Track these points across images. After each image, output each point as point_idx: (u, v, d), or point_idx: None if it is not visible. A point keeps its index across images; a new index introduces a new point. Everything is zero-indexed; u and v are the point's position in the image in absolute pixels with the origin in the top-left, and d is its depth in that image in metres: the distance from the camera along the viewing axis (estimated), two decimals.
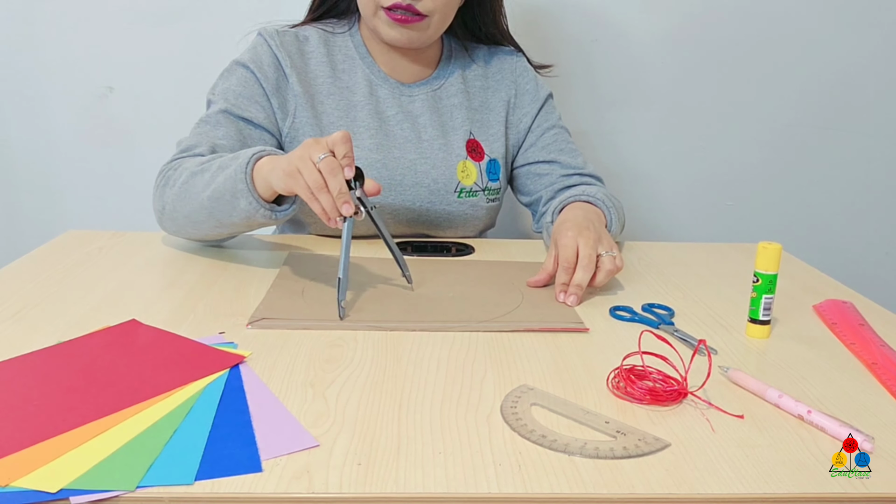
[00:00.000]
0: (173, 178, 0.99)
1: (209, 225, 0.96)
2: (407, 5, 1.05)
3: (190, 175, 0.96)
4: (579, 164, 1.21)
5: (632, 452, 0.57)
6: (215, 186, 0.92)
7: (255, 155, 0.89)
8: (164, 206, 1.00)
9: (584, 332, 0.81)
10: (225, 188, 0.90)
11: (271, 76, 1.10)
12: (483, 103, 1.22)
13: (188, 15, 1.51)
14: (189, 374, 0.66)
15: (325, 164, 0.81)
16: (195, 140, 1.04)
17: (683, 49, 1.59)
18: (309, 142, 0.83)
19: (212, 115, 1.07)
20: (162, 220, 1.03)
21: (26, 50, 1.52)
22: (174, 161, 1.03)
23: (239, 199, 0.89)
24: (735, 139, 1.65)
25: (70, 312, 0.81)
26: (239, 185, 0.88)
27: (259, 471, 0.53)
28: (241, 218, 0.91)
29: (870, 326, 0.84)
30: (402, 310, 0.84)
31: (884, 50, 1.61)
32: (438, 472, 0.54)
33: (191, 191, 0.95)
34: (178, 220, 1.00)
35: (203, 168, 0.96)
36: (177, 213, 0.98)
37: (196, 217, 0.96)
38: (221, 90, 1.10)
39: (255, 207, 0.89)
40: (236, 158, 0.92)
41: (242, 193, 0.88)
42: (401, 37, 1.09)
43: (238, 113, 1.07)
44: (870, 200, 1.71)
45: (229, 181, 0.89)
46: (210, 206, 0.93)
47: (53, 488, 0.50)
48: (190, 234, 1.03)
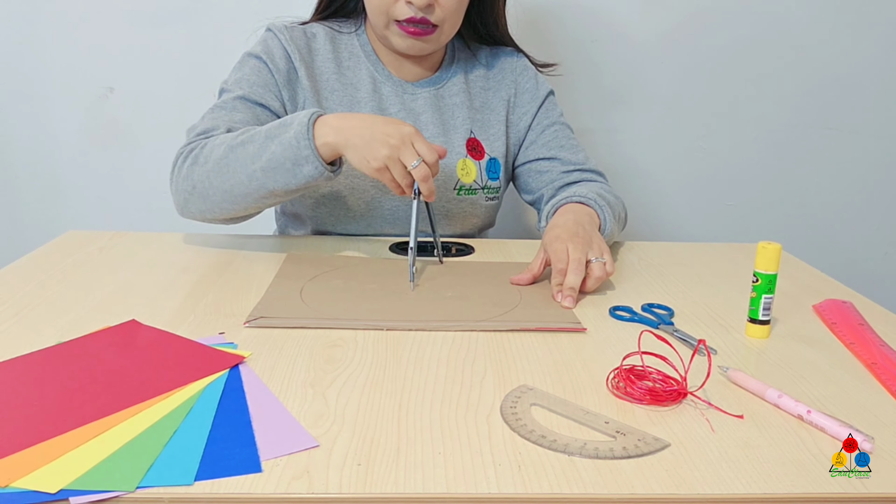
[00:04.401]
0: (203, 156, 0.98)
1: (255, 196, 0.96)
2: (421, 18, 1.06)
3: (228, 149, 0.95)
4: (580, 160, 1.21)
5: (631, 453, 0.57)
6: (269, 157, 0.92)
7: (310, 119, 0.91)
8: (195, 186, 0.98)
9: (584, 333, 0.81)
10: (285, 156, 0.91)
11: (283, 68, 1.11)
12: (484, 103, 1.22)
13: (189, 15, 1.51)
14: (189, 375, 0.66)
15: (421, 172, 0.90)
16: (212, 123, 1.03)
17: (683, 49, 1.59)
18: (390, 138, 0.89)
19: (227, 101, 1.07)
20: (189, 200, 1.00)
21: (27, 50, 1.53)
22: (194, 142, 1.01)
23: (303, 165, 0.91)
24: (735, 139, 1.65)
25: (70, 312, 0.82)
26: (303, 152, 0.90)
27: (259, 471, 0.53)
28: (300, 184, 0.93)
29: (869, 326, 0.84)
30: (402, 310, 0.84)
31: (884, 50, 1.61)
32: (438, 472, 0.54)
33: (233, 164, 0.95)
34: (211, 198, 0.98)
35: (244, 140, 0.95)
36: (212, 188, 0.97)
37: (241, 190, 0.95)
38: (235, 79, 1.10)
39: (319, 171, 0.92)
40: (287, 126, 0.93)
41: (308, 160, 0.91)
42: (413, 47, 1.10)
43: (255, 99, 1.07)
44: (870, 200, 1.71)
45: (290, 150, 0.91)
46: (263, 176, 0.93)
47: (53, 488, 0.50)
48: (223, 210, 0.99)
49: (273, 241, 1.13)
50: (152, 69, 1.54)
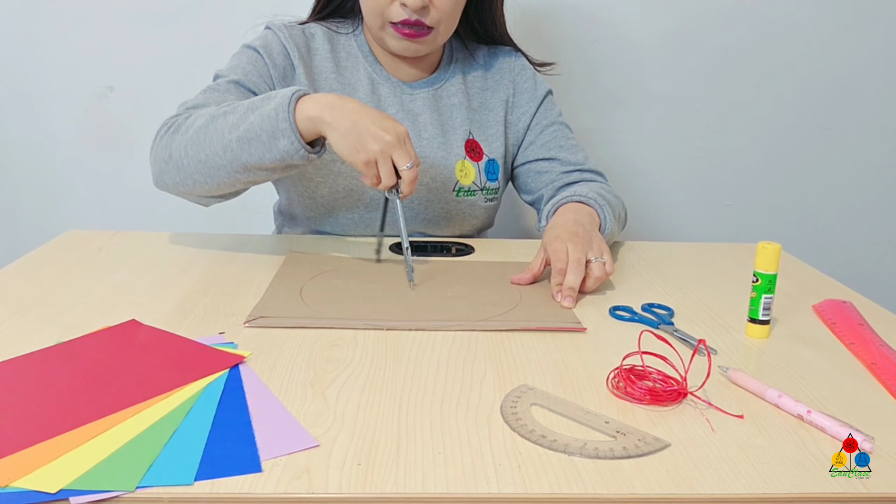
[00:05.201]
0: (185, 126, 0.96)
1: (228, 170, 0.93)
2: (415, 20, 1.06)
3: (209, 118, 0.94)
4: (580, 160, 1.21)
5: (631, 452, 0.57)
6: (247, 127, 0.90)
7: (294, 95, 0.89)
8: (171, 154, 0.96)
9: (584, 333, 0.81)
10: (262, 128, 0.89)
11: (280, 63, 1.11)
12: (482, 104, 1.22)
13: (188, 15, 1.51)
14: (189, 375, 0.66)
15: (411, 175, 0.89)
16: (203, 100, 1.02)
17: (683, 49, 1.59)
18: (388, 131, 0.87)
19: (222, 83, 1.06)
20: (165, 170, 0.98)
21: (27, 50, 1.52)
22: (181, 114, 1.00)
23: (279, 138, 0.88)
24: (735, 139, 1.65)
25: (70, 312, 0.82)
26: (281, 125, 0.88)
27: (259, 471, 0.53)
28: (275, 159, 0.90)
29: (869, 326, 0.84)
30: (402, 309, 0.84)
31: (884, 50, 1.61)
32: (438, 472, 0.54)
33: (211, 134, 0.93)
34: (186, 168, 0.95)
35: (226, 111, 0.94)
36: (188, 158, 0.95)
37: (214, 161, 0.93)
38: (231, 66, 1.10)
39: (296, 148, 0.88)
40: (269, 98, 0.91)
41: (284, 133, 0.88)
42: (408, 49, 1.10)
43: (248, 86, 1.07)
44: (869, 200, 1.71)
45: (268, 121, 0.88)
46: (238, 147, 0.91)
47: (53, 488, 0.50)
48: (196, 182, 0.96)
49: (273, 240, 1.13)
50: (152, 69, 1.54)
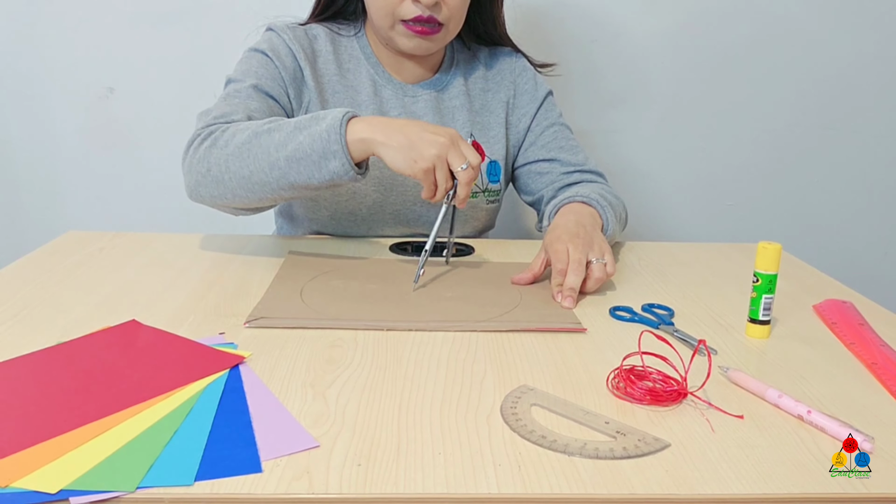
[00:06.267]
0: (224, 139, 0.95)
1: (273, 187, 0.93)
2: (428, 17, 1.05)
3: (252, 135, 0.93)
4: (580, 160, 1.21)
5: (631, 453, 0.57)
6: (296, 146, 0.90)
7: (345, 116, 0.89)
8: (210, 169, 0.95)
9: (584, 333, 0.81)
10: (312, 148, 0.89)
11: (289, 66, 1.10)
12: (483, 105, 1.22)
13: (189, 16, 1.51)
14: (189, 375, 0.66)
15: (468, 176, 0.88)
16: (229, 109, 1.01)
17: (683, 49, 1.59)
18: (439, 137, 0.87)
19: (242, 89, 1.05)
20: (202, 183, 0.96)
21: (27, 50, 1.52)
22: (214, 125, 0.98)
23: (330, 160, 0.88)
24: (735, 139, 1.65)
25: (70, 313, 0.82)
26: (332, 146, 0.88)
27: (259, 471, 0.53)
28: (323, 180, 0.90)
29: (870, 326, 0.84)
30: (402, 310, 0.84)
31: (884, 50, 1.61)
32: (438, 472, 0.54)
33: (256, 150, 0.92)
34: (226, 183, 0.94)
35: (271, 128, 0.92)
36: (229, 173, 0.93)
37: (259, 178, 0.92)
38: (243, 71, 1.08)
39: (346, 169, 0.89)
40: (319, 119, 0.91)
41: (336, 155, 0.88)
42: (419, 47, 1.10)
43: (266, 90, 1.06)
44: (870, 200, 1.71)
45: (319, 141, 0.88)
46: (286, 166, 0.90)
47: (53, 489, 0.50)
48: (237, 197, 0.96)
49: (273, 241, 1.13)
50: (153, 70, 1.54)
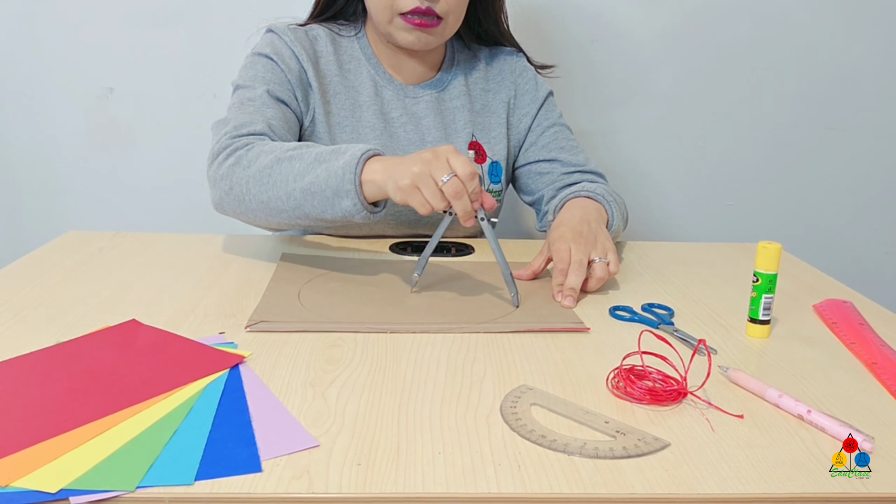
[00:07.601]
0: (247, 159, 0.93)
1: (290, 215, 0.91)
2: (426, 9, 1.05)
3: (275, 160, 0.90)
4: (580, 161, 1.21)
5: (631, 452, 0.57)
6: (312, 179, 0.87)
7: (364, 155, 0.85)
8: (232, 187, 0.93)
9: (584, 332, 0.81)
10: (327, 184, 0.86)
11: (294, 68, 1.09)
12: (484, 105, 1.22)
13: (189, 16, 1.51)
14: (189, 375, 0.66)
15: (451, 188, 0.81)
16: (247, 118, 1.00)
17: (683, 49, 1.59)
18: (425, 155, 0.82)
19: (256, 96, 1.03)
20: (226, 200, 0.95)
21: (27, 50, 1.52)
22: (238, 140, 0.96)
23: (343, 198, 0.85)
24: (735, 139, 1.65)
25: (70, 312, 0.82)
26: (346, 186, 0.85)
27: (259, 471, 0.53)
28: (336, 216, 0.88)
29: (870, 326, 0.84)
30: (402, 312, 0.84)
31: (884, 50, 1.61)
32: (438, 472, 0.54)
33: (275, 177, 0.90)
34: (247, 203, 0.93)
35: (293, 156, 0.90)
36: (249, 195, 0.92)
37: (276, 205, 0.91)
38: (251, 76, 1.07)
39: (358, 209, 0.86)
40: (339, 153, 0.87)
41: (349, 194, 0.85)
42: (418, 40, 1.09)
43: (278, 95, 1.05)
44: (869, 200, 1.71)
45: (334, 178, 0.85)
46: (301, 197, 0.88)
47: (53, 488, 0.50)
48: (258, 218, 0.95)
49: (273, 241, 1.13)
50: (152, 69, 1.54)
